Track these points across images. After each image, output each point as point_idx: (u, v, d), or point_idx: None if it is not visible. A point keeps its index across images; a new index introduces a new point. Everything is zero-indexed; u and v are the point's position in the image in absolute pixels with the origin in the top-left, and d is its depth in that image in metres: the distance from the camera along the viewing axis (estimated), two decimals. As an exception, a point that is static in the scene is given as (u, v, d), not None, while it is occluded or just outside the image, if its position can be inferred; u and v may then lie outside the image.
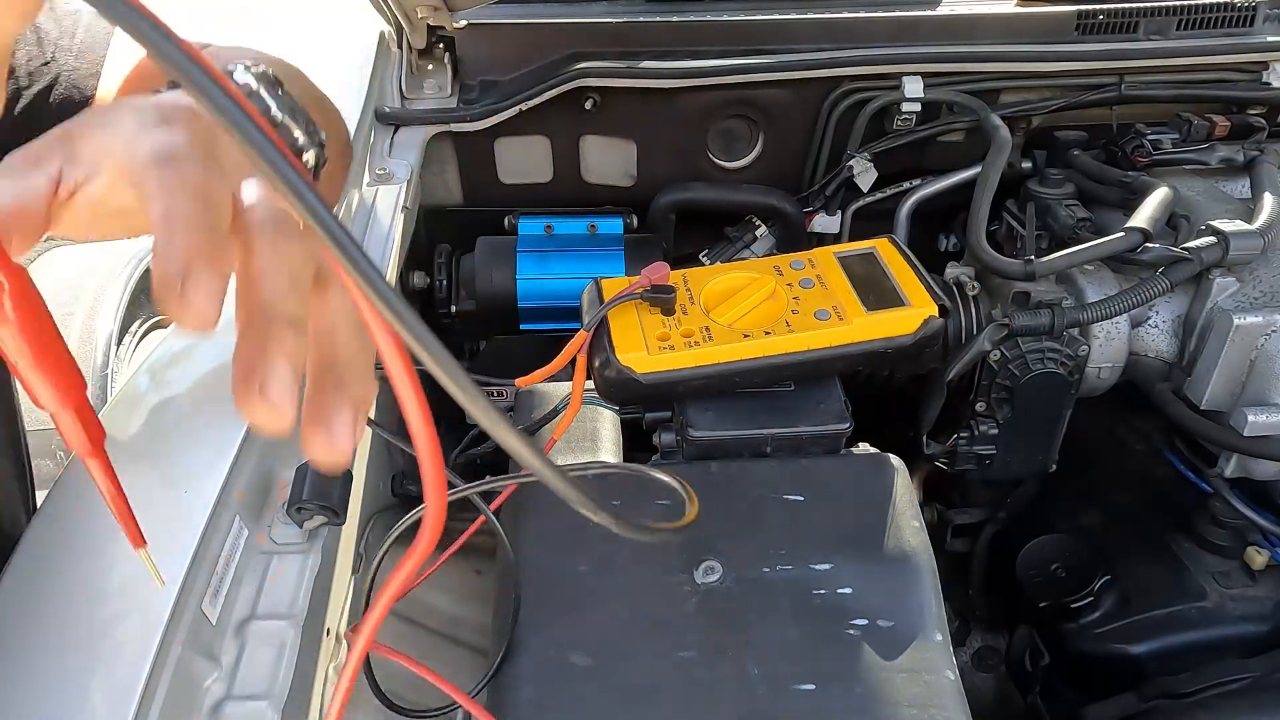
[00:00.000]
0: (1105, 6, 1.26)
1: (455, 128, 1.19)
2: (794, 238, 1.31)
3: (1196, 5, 1.26)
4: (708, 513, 0.69)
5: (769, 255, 1.29)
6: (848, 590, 0.63)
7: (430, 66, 1.21)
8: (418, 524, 0.46)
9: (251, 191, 0.33)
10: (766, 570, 0.65)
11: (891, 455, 0.74)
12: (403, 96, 1.21)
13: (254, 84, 0.47)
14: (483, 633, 0.74)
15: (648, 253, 1.27)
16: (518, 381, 0.72)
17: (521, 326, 1.23)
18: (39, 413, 0.37)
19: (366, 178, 1.06)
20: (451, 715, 0.68)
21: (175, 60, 0.23)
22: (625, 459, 0.88)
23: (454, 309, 1.23)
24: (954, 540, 1.26)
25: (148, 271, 1.94)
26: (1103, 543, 1.13)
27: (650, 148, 1.30)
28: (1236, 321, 0.93)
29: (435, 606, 0.81)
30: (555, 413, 0.76)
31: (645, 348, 0.70)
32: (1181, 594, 1.05)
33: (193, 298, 0.29)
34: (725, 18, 1.27)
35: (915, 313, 0.74)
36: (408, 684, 0.70)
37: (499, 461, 0.85)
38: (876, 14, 1.27)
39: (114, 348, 1.85)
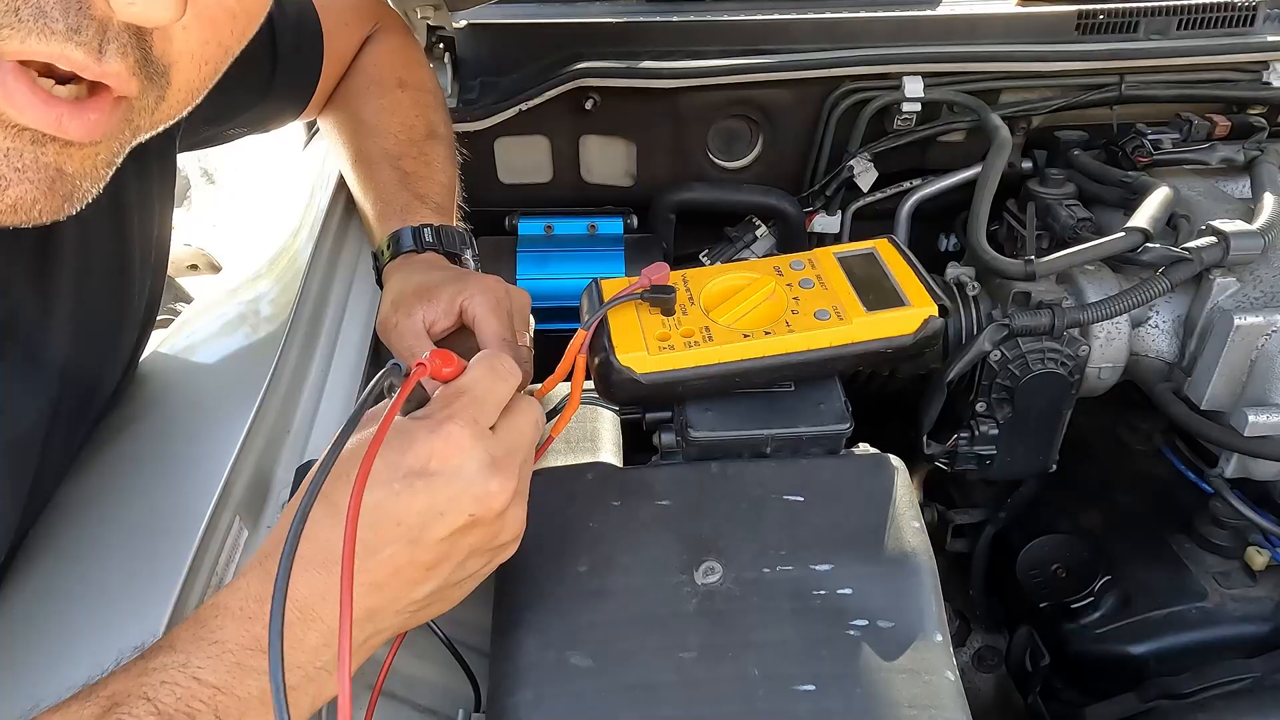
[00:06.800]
0: (1105, 6, 1.26)
1: (455, 128, 1.19)
2: (794, 238, 1.31)
3: (1197, 5, 1.26)
4: (708, 513, 0.69)
5: (769, 255, 1.29)
6: (848, 591, 0.63)
7: (430, 66, 1.21)
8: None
9: None
10: (766, 571, 0.65)
11: (891, 455, 0.74)
12: (403, 96, 1.20)
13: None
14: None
15: (648, 253, 1.27)
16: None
17: (521, 326, 1.24)
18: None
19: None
20: None
21: None
22: (625, 459, 0.88)
23: (454, 309, 1.23)
24: (954, 540, 1.26)
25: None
26: (1103, 543, 1.13)
27: (650, 148, 1.30)
28: (1237, 322, 0.93)
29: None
30: (555, 412, 0.76)
31: (645, 348, 0.70)
32: (1182, 594, 1.04)
33: None
34: (725, 18, 1.27)
35: (915, 313, 0.73)
36: (402, 681, 0.70)
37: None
38: (876, 14, 1.27)
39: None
